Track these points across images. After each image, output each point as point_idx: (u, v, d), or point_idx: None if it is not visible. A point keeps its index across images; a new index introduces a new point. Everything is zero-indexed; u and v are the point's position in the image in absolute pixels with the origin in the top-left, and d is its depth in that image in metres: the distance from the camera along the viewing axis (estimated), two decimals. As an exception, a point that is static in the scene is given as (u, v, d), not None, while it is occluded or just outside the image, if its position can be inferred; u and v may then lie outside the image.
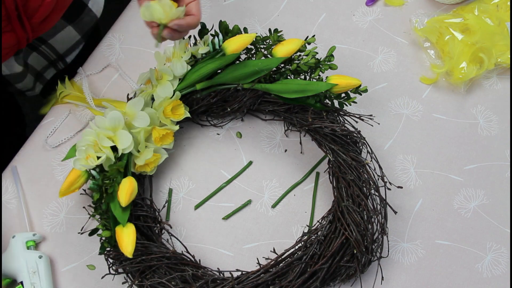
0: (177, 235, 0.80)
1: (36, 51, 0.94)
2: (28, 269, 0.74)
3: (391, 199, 0.82)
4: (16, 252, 0.75)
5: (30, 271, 0.74)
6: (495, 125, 0.88)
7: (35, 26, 0.81)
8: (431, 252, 0.80)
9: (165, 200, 0.82)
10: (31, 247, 0.76)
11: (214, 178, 0.84)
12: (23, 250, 0.75)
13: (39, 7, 0.79)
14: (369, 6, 0.96)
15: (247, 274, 0.72)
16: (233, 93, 0.82)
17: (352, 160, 0.75)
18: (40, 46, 0.94)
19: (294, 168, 0.85)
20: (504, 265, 0.79)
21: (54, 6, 0.82)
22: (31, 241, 0.77)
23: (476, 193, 0.84)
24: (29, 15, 0.78)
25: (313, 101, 0.79)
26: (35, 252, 0.76)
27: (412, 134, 0.87)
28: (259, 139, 0.87)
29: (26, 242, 0.76)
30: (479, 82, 0.91)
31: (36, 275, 0.74)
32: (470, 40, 0.88)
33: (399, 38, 0.94)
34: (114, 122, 0.73)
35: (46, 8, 0.80)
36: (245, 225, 0.81)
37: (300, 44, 0.79)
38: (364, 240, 0.72)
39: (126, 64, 0.91)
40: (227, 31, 0.80)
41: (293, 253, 0.74)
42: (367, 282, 0.77)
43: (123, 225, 0.71)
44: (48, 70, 1.01)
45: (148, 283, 0.71)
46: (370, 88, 0.89)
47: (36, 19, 0.80)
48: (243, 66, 0.79)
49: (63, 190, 0.74)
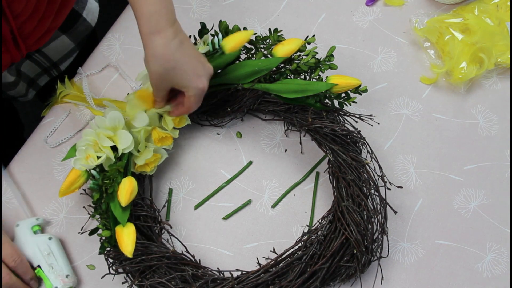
0: (177, 235, 0.80)
1: (30, 59, 0.93)
2: (42, 252, 0.75)
3: (391, 199, 0.82)
4: (25, 239, 0.75)
5: (44, 254, 0.74)
6: (495, 125, 0.88)
7: (29, 45, 0.81)
8: (431, 252, 0.80)
9: (165, 200, 0.82)
10: (38, 231, 0.77)
11: (214, 178, 0.84)
12: (31, 235, 0.76)
13: (34, 29, 0.78)
14: (369, 6, 0.96)
15: (247, 274, 0.72)
16: (233, 93, 0.82)
17: (352, 160, 0.75)
18: (33, 55, 0.93)
19: (294, 168, 0.85)
20: (504, 265, 0.79)
21: (48, 26, 0.82)
22: (36, 225, 0.77)
23: (476, 193, 0.84)
24: (24, 37, 0.78)
25: (313, 101, 0.79)
26: (44, 235, 0.76)
27: (412, 134, 0.87)
28: (259, 139, 0.87)
29: (32, 227, 0.77)
30: (479, 82, 0.91)
31: (51, 256, 0.75)
32: (470, 40, 0.88)
33: (399, 38, 0.94)
34: (114, 122, 0.73)
35: (41, 29, 0.80)
36: (245, 225, 0.81)
37: (300, 44, 0.79)
38: (364, 240, 0.72)
39: (126, 64, 0.91)
40: (227, 31, 0.80)
41: (293, 253, 0.74)
42: (367, 282, 0.77)
43: (123, 225, 0.71)
44: (42, 77, 1.00)
45: (148, 283, 0.71)
46: (370, 88, 0.89)
47: (31, 40, 0.80)
48: (243, 66, 0.79)
49: (63, 190, 0.74)
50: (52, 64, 0.97)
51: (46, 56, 0.95)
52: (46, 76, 1.00)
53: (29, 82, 0.98)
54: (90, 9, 0.97)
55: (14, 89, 0.95)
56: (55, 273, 0.74)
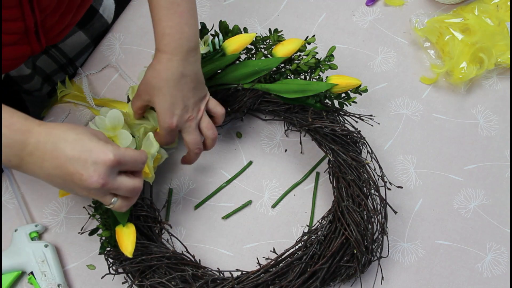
0: (177, 235, 0.80)
1: (46, 54, 0.95)
2: (36, 258, 0.75)
3: (391, 199, 0.82)
4: (21, 245, 0.76)
5: (38, 261, 0.75)
6: (495, 125, 0.88)
7: (50, 39, 0.82)
8: (431, 252, 0.80)
9: (165, 200, 0.82)
10: (35, 238, 0.77)
11: (214, 178, 0.84)
12: (28, 242, 0.76)
13: (56, 23, 0.80)
14: (369, 6, 0.96)
15: (247, 274, 0.72)
16: (233, 93, 0.82)
17: (352, 160, 0.75)
18: (50, 50, 0.94)
19: (294, 168, 0.85)
20: (504, 265, 0.79)
21: (69, 22, 0.83)
22: (34, 232, 0.77)
23: (476, 193, 0.84)
24: (46, 30, 0.79)
25: (313, 101, 0.79)
26: (40, 242, 0.76)
27: (412, 134, 0.87)
28: (259, 139, 0.87)
29: (30, 234, 0.77)
30: (479, 82, 0.91)
31: (45, 263, 0.75)
32: (470, 40, 0.88)
33: (399, 38, 0.94)
34: (114, 122, 0.73)
35: (62, 23, 0.82)
36: (245, 225, 0.81)
37: (300, 44, 0.79)
38: (364, 240, 0.72)
39: (126, 64, 0.91)
40: (227, 31, 0.80)
41: (293, 253, 0.74)
42: (367, 282, 0.77)
43: (123, 225, 0.71)
44: (58, 74, 1.01)
45: (148, 283, 0.71)
46: (370, 88, 0.89)
47: (52, 34, 0.81)
48: (243, 66, 0.79)
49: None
50: (68, 60, 0.98)
51: (63, 52, 0.96)
52: (62, 73, 1.01)
53: (45, 77, 0.99)
54: (106, 6, 0.98)
55: (30, 83, 0.96)
56: (47, 281, 0.74)
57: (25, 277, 0.77)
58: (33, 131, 0.56)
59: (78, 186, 0.57)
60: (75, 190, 0.59)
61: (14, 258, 0.75)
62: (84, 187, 0.57)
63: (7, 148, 0.56)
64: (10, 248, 0.76)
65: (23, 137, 0.56)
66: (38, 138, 0.56)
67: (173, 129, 0.70)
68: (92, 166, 0.56)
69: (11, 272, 0.75)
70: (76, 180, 0.57)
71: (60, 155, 0.56)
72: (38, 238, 0.78)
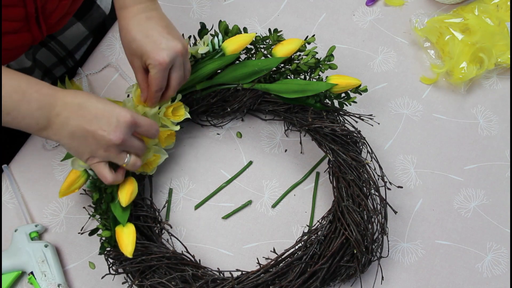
0: (177, 235, 0.80)
1: (45, 47, 0.95)
2: (36, 258, 0.75)
3: (391, 199, 0.82)
4: (21, 245, 0.76)
5: (38, 261, 0.75)
6: (495, 125, 0.88)
7: (50, 26, 0.82)
8: (431, 252, 0.80)
9: (165, 200, 0.82)
10: (35, 238, 0.77)
11: (214, 178, 0.84)
12: (28, 242, 0.76)
13: (55, 9, 0.80)
14: (369, 6, 0.96)
15: (247, 274, 0.72)
16: (233, 93, 0.82)
17: (352, 160, 0.75)
18: (49, 42, 0.95)
19: (294, 168, 0.85)
20: (504, 265, 0.79)
21: (67, 9, 0.84)
22: (34, 232, 0.77)
23: (476, 193, 0.84)
24: (46, 16, 0.79)
25: (313, 101, 0.79)
26: (40, 242, 0.77)
27: (412, 134, 0.87)
28: (259, 139, 0.87)
29: (30, 234, 0.77)
30: (479, 82, 0.91)
31: (45, 263, 0.75)
32: (470, 40, 0.88)
33: (399, 38, 0.94)
34: None
35: (62, 9, 0.82)
36: (245, 225, 0.81)
37: (300, 44, 0.79)
38: (364, 240, 0.72)
39: (126, 64, 0.90)
40: (227, 31, 0.80)
41: (293, 253, 0.74)
42: (367, 282, 0.77)
43: (123, 225, 0.71)
44: (58, 68, 1.01)
45: (148, 283, 0.71)
46: (370, 88, 0.89)
47: (52, 20, 0.82)
48: (243, 66, 0.79)
49: (63, 190, 0.74)
50: (68, 53, 0.98)
51: (62, 44, 0.96)
52: (62, 67, 1.01)
53: (45, 71, 0.99)
54: None
55: None
56: (47, 281, 0.74)
57: (25, 277, 0.77)
58: (59, 94, 0.63)
59: (98, 143, 0.64)
60: (94, 148, 0.65)
61: (14, 258, 0.75)
62: (104, 143, 0.64)
63: (39, 110, 0.62)
64: (10, 248, 0.76)
65: (52, 99, 0.63)
66: (64, 100, 0.63)
67: (165, 62, 0.69)
68: (115, 123, 0.64)
69: (11, 272, 0.75)
70: (98, 137, 0.63)
71: (85, 113, 0.63)
72: (38, 238, 0.78)
